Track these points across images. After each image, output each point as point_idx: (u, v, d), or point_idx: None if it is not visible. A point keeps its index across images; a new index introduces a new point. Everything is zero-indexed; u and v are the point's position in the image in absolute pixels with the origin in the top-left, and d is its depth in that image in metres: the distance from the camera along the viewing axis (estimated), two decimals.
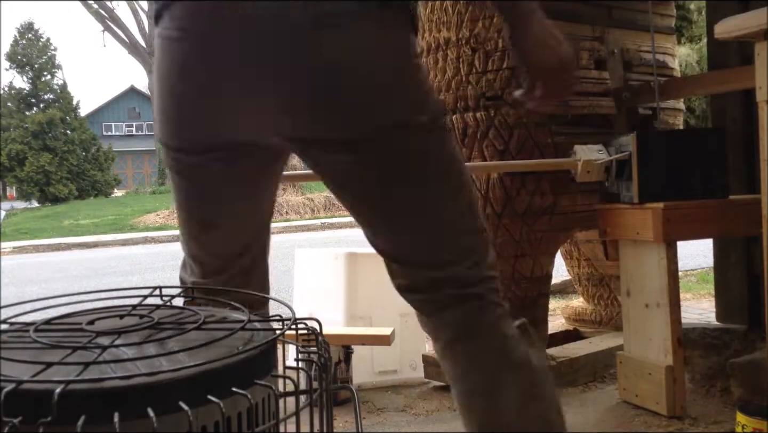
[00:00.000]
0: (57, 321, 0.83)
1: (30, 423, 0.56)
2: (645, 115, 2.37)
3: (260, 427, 0.69)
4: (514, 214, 2.17)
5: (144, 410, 0.58)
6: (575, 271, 2.82)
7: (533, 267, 2.20)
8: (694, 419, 1.85)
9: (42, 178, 19.93)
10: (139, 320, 0.82)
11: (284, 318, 0.83)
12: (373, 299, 2.51)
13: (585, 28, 2.31)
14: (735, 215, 1.91)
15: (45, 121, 20.50)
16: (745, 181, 2.14)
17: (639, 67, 2.43)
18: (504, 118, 2.16)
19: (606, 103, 2.28)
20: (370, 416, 2.12)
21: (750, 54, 1.63)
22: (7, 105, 21.11)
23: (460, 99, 2.23)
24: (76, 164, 20.61)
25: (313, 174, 1.11)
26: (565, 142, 2.17)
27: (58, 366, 0.65)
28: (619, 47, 2.40)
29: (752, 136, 2.01)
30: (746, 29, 1.51)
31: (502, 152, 2.16)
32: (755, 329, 2.11)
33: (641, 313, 1.96)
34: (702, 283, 4.25)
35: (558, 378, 2.21)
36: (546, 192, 2.16)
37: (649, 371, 1.91)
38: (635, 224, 1.92)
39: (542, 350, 2.23)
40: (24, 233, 12.56)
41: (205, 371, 0.63)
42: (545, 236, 2.19)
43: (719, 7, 2.20)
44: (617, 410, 1.97)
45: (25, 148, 20.23)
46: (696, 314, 3.27)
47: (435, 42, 2.32)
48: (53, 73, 22.07)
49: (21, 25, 22.67)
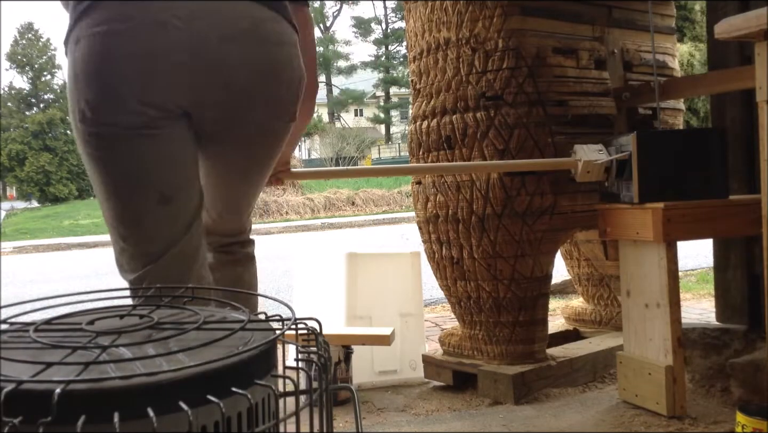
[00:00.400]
0: (57, 321, 0.83)
1: (30, 423, 0.56)
2: (645, 115, 2.37)
3: (260, 427, 0.69)
4: (514, 214, 2.17)
5: (144, 410, 0.58)
6: (575, 271, 2.82)
7: (533, 267, 2.20)
8: (694, 419, 1.85)
9: (42, 178, 19.95)
10: (139, 320, 0.82)
11: (284, 318, 0.83)
12: (373, 299, 2.51)
13: (585, 28, 2.31)
14: (735, 215, 1.90)
15: (45, 121, 20.51)
16: (745, 181, 2.14)
17: (639, 67, 2.43)
18: (504, 118, 2.16)
19: (606, 103, 2.28)
20: (370, 416, 2.12)
21: (750, 54, 1.63)
22: (7, 105, 21.12)
23: (460, 99, 2.23)
24: (76, 164, 20.62)
25: (313, 174, 1.11)
26: (565, 142, 2.17)
27: (58, 366, 0.65)
28: (619, 47, 2.40)
29: (752, 136, 2.01)
30: (746, 29, 1.51)
31: (502, 152, 2.16)
32: (755, 329, 2.11)
33: (641, 313, 1.96)
34: (702, 283, 4.26)
35: (558, 378, 2.21)
36: (546, 192, 2.16)
37: (649, 371, 1.91)
38: (635, 223, 1.92)
39: (543, 351, 2.24)
40: (24, 233, 12.56)
41: (205, 371, 0.63)
42: (545, 236, 2.19)
43: (719, 7, 2.20)
44: (617, 410, 1.97)
45: (25, 148, 20.25)
46: (696, 314, 3.27)
47: (435, 42, 2.32)
48: (53, 73, 22.08)
49: (21, 25, 22.73)
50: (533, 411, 2.02)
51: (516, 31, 2.16)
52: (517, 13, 2.17)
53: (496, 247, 2.19)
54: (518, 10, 2.17)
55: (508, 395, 2.10)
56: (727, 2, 2.16)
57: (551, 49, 2.20)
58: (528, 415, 1.99)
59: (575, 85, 2.22)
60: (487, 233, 2.17)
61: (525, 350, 2.21)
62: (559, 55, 2.21)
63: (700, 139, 1.99)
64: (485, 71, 2.19)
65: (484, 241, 2.18)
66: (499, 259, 2.19)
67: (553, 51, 2.20)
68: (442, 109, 2.27)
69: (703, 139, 2.00)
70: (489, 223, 2.17)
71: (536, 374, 2.16)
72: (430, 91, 2.35)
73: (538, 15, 2.20)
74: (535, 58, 2.16)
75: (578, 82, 2.23)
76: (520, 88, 2.15)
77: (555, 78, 2.19)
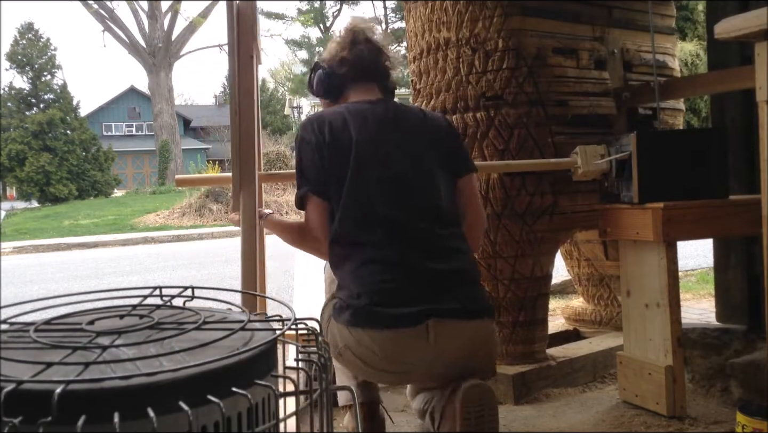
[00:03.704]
0: (57, 321, 0.83)
1: (30, 423, 0.56)
2: (645, 115, 2.37)
3: (260, 427, 0.69)
4: (514, 214, 2.17)
5: (144, 410, 0.58)
6: (575, 271, 2.82)
7: (533, 267, 2.20)
8: (694, 419, 1.85)
9: (42, 178, 19.92)
10: (139, 320, 0.82)
11: (284, 318, 0.83)
12: None
13: (585, 28, 2.31)
14: (735, 215, 1.90)
15: (45, 121, 20.48)
16: (745, 181, 2.14)
17: (639, 67, 2.43)
18: (504, 118, 2.16)
19: (606, 103, 2.28)
20: None
21: (750, 54, 1.63)
22: (7, 105, 21.09)
23: (460, 99, 2.23)
24: (76, 164, 20.59)
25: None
26: (565, 142, 2.17)
27: (58, 366, 0.65)
28: (619, 47, 2.40)
29: (752, 136, 2.01)
30: (746, 29, 1.51)
31: (502, 152, 2.16)
32: (755, 329, 2.11)
33: (641, 313, 1.96)
34: (702, 283, 4.25)
35: (558, 378, 2.21)
36: (546, 192, 2.16)
37: (649, 371, 1.91)
38: (635, 223, 1.92)
39: (542, 350, 2.24)
40: (24, 233, 12.55)
41: (205, 371, 0.63)
42: (545, 236, 2.19)
43: (719, 7, 2.20)
44: (617, 410, 1.97)
45: (25, 148, 20.21)
46: (696, 314, 3.27)
47: (435, 42, 2.32)
48: (53, 73, 22.04)
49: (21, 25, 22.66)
50: (533, 411, 2.02)
51: (516, 31, 2.16)
52: (517, 13, 2.17)
53: (496, 247, 2.19)
54: (518, 10, 2.17)
55: (508, 395, 2.10)
56: (727, 2, 2.16)
57: (551, 49, 2.20)
58: (528, 415, 1.99)
59: (575, 85, 2.22)
60: (487, 233, 2.17)
61: (525, 350, 2.21)
62: (559, 55, 2.21)
63: (700, 139, 1.99)
64: (485, 71, 2.19)
65: (484, 241, 2.18)
66: (499, 259, 2.19)
67: (553, 51, 2.20)
68: (442, 109, 2.27)
69: (703, 139, 2.00)
70: (489, 223, 2.17)
71: (536, 374, 2.16)
72: (430, 92, 2.35)
73: (538, 15, 2.20)
74: (535, 59, 2.16)
75: (578, 82, 2.23)
76: (520, 88, 2.15)
77: (555, 78, 2.19)
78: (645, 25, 2.42)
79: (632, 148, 1.94)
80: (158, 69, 22.43)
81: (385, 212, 1.53)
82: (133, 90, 32.19)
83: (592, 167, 2.08)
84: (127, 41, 22.27)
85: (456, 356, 1.49)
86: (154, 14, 22.44)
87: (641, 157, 1.92)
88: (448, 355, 1.48)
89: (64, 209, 16.46)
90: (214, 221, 12.52)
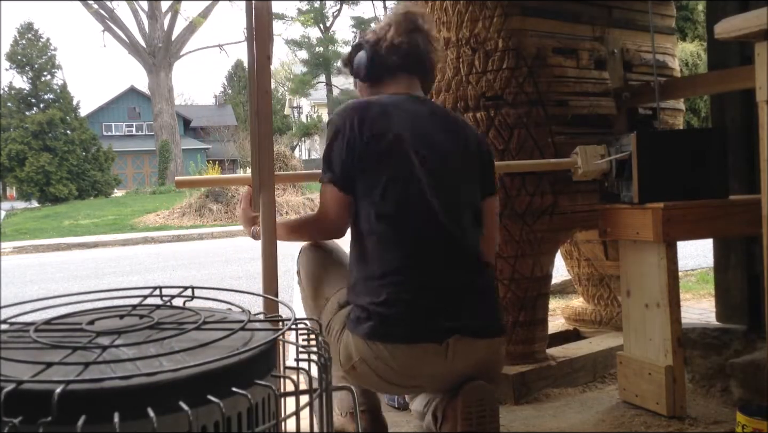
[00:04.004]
0: (57, 321, 0.83)
1: (30, 423, 0.56)
2: (645, 115, 2.37)
3: (260, 427, 0.69)
4: (514, 214, 2.17)
5: (144, 410, 0.58)
6: (575, 271, 2.82)
7: (533, 267, 2.20)
8: (694, 419, 1.85)
9: (42, 178, 19.92)
10: (139, 320, 0.82)
11: (284, 318, 0.83)
12: None
13: (585, 28, 2.31)
14: (735, 215, 1.90)
15: (45, 121, 20.48)
16: (745, 181, 2.14)
17: (639, 67, 2.43)
18: (504, 118, 2.16)
19: (606, 103, 2.28)
20: None
21: (750, 54, 1.63)
22: (7, 105, 21.09)
23: (460, 99, 2.23)
24: (76, 164, 20.59)
25: (312, 174, 1.11)
26: (565, 142, 2.17)
27: (58, 366, 0.65)
28: (619, 47, 2.40)
29: (752, 136, 2.01)
30: (746, 29, 1.51)
31: (502, 152, 2.16)
32: (755, 329, 2.11)
33: (641, 313, 1.96)
34: (702, 283, 4.25)
35: (558, 378, 2.21)
36: (546, 192, 2.16)
37: (649, 371, 1.91)
38: (635, 223, 1.92)
39: (542, 351, 2.24)
40: (24, 233, 12.55)
41: (205, 371, 0.63)
42: (545, 236, 2.19)
43: (719, 7, 2.20)
44: (617, 410, 1.97)
45: (25, 148, 20.22)
46: (696, 314, 3.27)
47: None
48: (53, 73, 22.04)
49: (21, 25, 22.65)
50: (533, 411, 2.02)
51: (516, 31, 2.16)
52: (517, 13, 2.17)
53: (496, 247, 2.19)
54: (518, 10, 2.17)
55: (508, 395, 2.10)
56: (727, 2, 2.16)
57: (551, 49, 2.20)
58: (528, 415, 1.99)
59: (575, 85, 2.22)
60: None
61: (525, 350, 2.21)
62: (559, 55, 2.21)
63: (700, 139, 1.99)
64: (485, 71, 2.19)
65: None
66: (499, 259, 2.19)
67: (553, 51, 2.20)
68: None
69: (703, 139, 2.00)
70: None
71: (536, 374, 2.16)
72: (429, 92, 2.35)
73: (538, 15, 2.20)
74: (535, 59, 2.16)
75: (578, 82, 2.23)
76: (520, 88, 2.15)
77: (555, 78, 2.19)
78: (645, 25, 2.41)
79: (632, 148, 1.94)
80: (158, 69, 22.43)
81: (423, 220, 1.50)
82: (133, 90, 32.20)
83: (592, 167, 2.08)
84: (127, 41, 22.27)
85: (466, 371, 1.48)
86: (154, 14, 22.44)
87: (641, 157, 1.92)
88: (460, 370, 1.47)
89: (64, 209, 16.46)
90: (214, 221, 12.52)
